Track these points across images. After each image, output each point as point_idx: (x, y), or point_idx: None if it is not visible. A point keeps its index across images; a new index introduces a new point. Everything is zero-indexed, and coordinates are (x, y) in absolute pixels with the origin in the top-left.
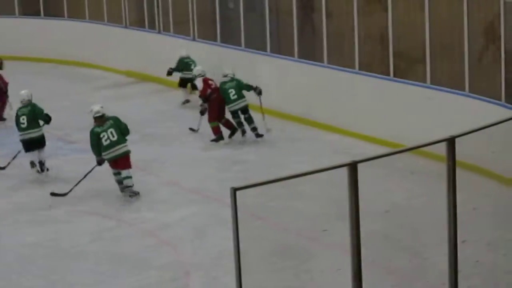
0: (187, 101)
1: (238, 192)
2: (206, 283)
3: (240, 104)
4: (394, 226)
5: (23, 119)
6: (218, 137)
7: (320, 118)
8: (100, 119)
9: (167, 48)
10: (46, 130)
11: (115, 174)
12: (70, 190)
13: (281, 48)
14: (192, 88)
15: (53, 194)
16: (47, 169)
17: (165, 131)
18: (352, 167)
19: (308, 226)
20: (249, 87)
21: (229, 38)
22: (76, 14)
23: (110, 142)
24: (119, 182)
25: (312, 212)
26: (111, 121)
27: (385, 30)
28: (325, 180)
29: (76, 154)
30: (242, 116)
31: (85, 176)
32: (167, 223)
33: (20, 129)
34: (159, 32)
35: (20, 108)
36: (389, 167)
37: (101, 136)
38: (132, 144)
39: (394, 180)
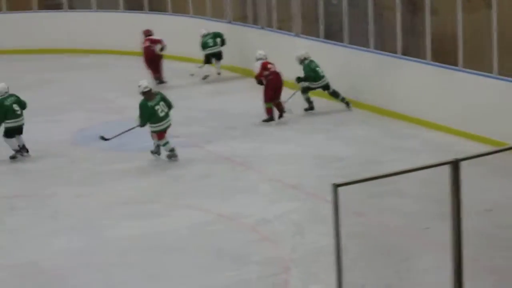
0: (206, 76)
1: (339, 189)
2: (305, 279)
3: (326, 80)
4: (495, 225)
5: (17, 107)
6: (270, 118)
7: (420, 115)
8: (150, 94)
9: (270, 44)
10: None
11: (164, 144)
12: (112, 138)
13: (384, 45)
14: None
15: (102, 137)
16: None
17: (267, 127)
18: (454, 165)
19: (408, 224)
20: None
21: (332, 34)
22: (179, 9)
23: (165, 113)
24: (170, 149)
25: (412, 210)
26: (159, 96)
27: (489, 27)
28: (425, 177)
29: (178, 148)
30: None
31: (125, 132)
32: (267, 218)
33: (15, 116)
34: (262, 28)
35: (6, 98)
36: (491, 165)
37: (156, 108)
38: (233, 140)
39: (496, 178)
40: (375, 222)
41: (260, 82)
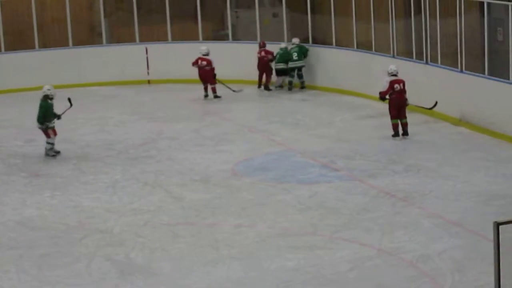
0: (281, 86)
1: (500, 227)
2: None
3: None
4: None
5: None
6: (395, 133)
7: None
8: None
9: (434, 79)
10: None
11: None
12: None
13: None
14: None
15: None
16: None
17: (428, 162)
18: None
19: None
20: None
21: (497, 71)
22: (344, 42)
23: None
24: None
25: None
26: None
27: None
28: None
29: (339, 182)
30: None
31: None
32: (427, 254)
33: None
34: (426, 63)
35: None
36: None
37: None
38: (395, 175)
39: None
40: None
41: (382, 99)
